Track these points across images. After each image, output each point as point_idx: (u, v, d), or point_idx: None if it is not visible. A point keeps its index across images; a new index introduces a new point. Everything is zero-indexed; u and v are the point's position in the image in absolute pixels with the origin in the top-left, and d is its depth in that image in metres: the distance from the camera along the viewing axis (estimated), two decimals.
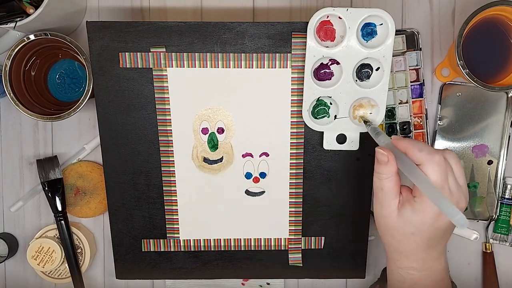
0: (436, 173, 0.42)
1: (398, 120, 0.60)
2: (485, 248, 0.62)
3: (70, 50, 0.57)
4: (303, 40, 0.52)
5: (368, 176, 0.56)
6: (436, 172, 0.42)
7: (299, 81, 0.53)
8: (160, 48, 0.52)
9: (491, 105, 0.59)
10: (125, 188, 0.57)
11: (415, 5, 0.60)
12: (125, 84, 0.53)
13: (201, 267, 0.60)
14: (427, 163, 0.42)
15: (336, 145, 0.54)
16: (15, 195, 0.63)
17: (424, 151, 0.43)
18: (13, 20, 0.50)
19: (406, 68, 0.59)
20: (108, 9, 0.60)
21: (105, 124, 0.55)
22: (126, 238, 0.58)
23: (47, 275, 0.62)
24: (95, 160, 0.62)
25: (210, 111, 0.55)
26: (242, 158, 0.56)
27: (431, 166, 0.42)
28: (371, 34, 0.50)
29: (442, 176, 0.42)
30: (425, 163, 0.43)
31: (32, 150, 0.62)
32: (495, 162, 0.60)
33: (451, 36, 0.60)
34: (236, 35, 0.52)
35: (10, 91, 0.55)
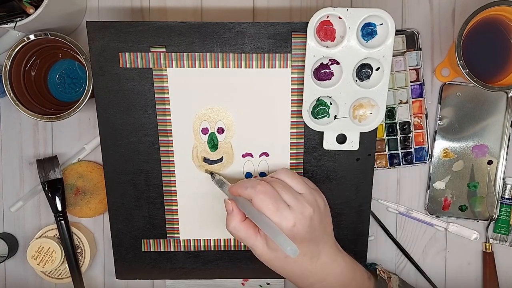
0: (264, 201, 0.45)
1: (398, 120, 0.60)
2: (485, 248, 0.62)
3: (70, 50, 0.57)
4: (303, 40, 0.52)
5: (368, 176, 0.56)
6: (264, 201, 0.45)
7: (299, 81, 0.53)
8: (160, 48, 0.52)
9: (491, 105, 0.59)
10: (125, 188, 0.57)
11: (415, 5, 0.60)
12: (125, 84, 0.54)
13: (201, 267, 0.60)
14: (254, 196, 0.45)
15: (336, 145, 0.54)
16: (15, 195, 0.63)
17: (248, 187, 0.46)
18: (13, 20, 0.50)
19: (406, 68, 0.59)
20: (108, 9, 0.60)
21: (105, 124, 0.55)
22: (126, 238, 0.58)
23: (47, 275, 0.62)
24: (95, 160, 0.62)
25: (210, 111, 0.55)
26: (242, 158, 0.56)
27: (258, 198, 0.45)
28: (371, 34, 0.50)
29: (272, 201, 0.45)
30: (253, 197, 0.46)
31: (32, 150, 0.62)
32: (495, 162, 0.60)
33: (451, 36, 0.60)
34: (236, 35, 0.52)
35: (10, 91, 0.55)
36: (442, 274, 0.63)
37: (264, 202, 0.45)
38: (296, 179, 0.49)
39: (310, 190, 0.49)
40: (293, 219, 0.45)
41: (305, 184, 0.49)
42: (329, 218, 0.51)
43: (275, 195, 0.46)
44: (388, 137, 0.61)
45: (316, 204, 0.48)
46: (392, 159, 0.61)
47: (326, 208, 0.51)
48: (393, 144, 0.61)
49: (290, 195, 0.47)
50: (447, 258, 0.63)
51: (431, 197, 0.61)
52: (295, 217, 0.45)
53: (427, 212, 0.62)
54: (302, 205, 0.46)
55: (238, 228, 0.47)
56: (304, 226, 0.46)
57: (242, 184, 0.47)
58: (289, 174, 0.49)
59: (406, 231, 0.63)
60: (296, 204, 0.46)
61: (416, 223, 0.62)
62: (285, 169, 0.50)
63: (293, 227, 0.45)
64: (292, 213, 0.45)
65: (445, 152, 0.61)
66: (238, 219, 0.47)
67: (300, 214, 0.46)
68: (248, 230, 0.47)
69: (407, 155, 0.61)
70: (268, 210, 0.45)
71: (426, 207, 0.62)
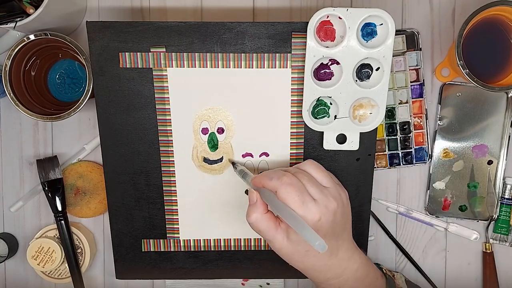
0: (290, 194, 0.44)
1: (398, 120, 0.60)
2: (485, 248, 0.62)
3: (70, 50, 0.57)
4: (303, 40, 0.52)
5: (368, 176, 0.56)
6: (289, 193, 0.44)
7: (299, 81, 0.53)
8: (160, 48, 0.52)
9: (491, 105, 0.59)
10: (125, 188, 0.57)
11: (415, 5, 0.60)
12: (125, 84, 0.54)
13: (201, 267, 0.60)
14: (279, 188, 0.44)
15: (336, 145, 0.54)
16: (15, 195, 0.63)
17: (274, 178, 0.45)
18: (13, 20, 0.50)
19: (406, 68, 0.59)
20: (108, 9, 0.60)
21: (105, 124, 0.55)
22: (126, 238, 0.58)
23: (47, 275, 0.62)
24: (95, 160, 0.62)
25: (210, 111, 0.55)
26: (242, 158, 0.56)
27: (283, 190, 0.44)
28: (371, 34, 0.50)
29: (298, 193, 0.44)
30: (278, 188, 0.45)
31: (32, 150, 0.62)
32: (495, 162, 0.60)
33: (451, 36, 0.60)
34: (236, 35, 0.52)
35: (10, 91, 0.55)
36: (442, 274, 0.63)
37: (289, 195, 0.44)
38: (322, 172, 0.48)
39: (335, 184, 0.48)
40: (318, 213, 0.44)
41: (331, 178, 0.49)
42: (349, 214, 0.50)
43: (301, 187, 0.45)
44: (388, 137, 0.61)
45: (340, 199, 0.48)
46: (392, 159, 0.61)
47: (348, 203, 0.50)
48: (393, 144, 0.61)
49: (316, 188, 0.46)
50: (447, 258, 0.63)
51: (431, 197, 0.61)
52: (320, 210, 0.45)
53: (427, 212, 0.62)
54: (327, 199, 0.46)
55: (260, 219, 0.46)
56: (328, 220, 0.45)
57: (267, 174, 0.46)
58: (315, 167, 0.48)
59: (406, 231, 0.63)
60: (322, 197, 0.45)
61: (416, 223, 0.62)
62: (311, 161, 0.49)
63: (318, 221, 0.44)
64: (318, 207, 0.45)
65: (445, 152, 0.61)
66: (261, 210, 0.46)
67: (325, 208, 0.45)
68: (269, 222, 0.46)
69: (407, 155, 0.61)
70: (293, 202, 0.44)
71: (426, 207, 0.62)
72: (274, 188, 0.45)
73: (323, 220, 0.45)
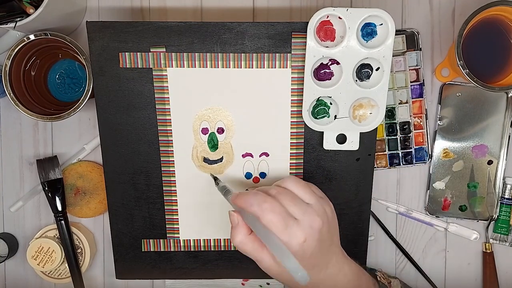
0: (272, 221, 0.43)
1: (398, 120, 0.60)
2: (485, 248, 0.62)
3: (70, 50, 0.57)
4: (303, 40, 0.52)
5: (368, 176, 0.56)
6: (272, 221, 0.43)
7: (299, 81, 0.53)
8: (160, 48, 0.52)
9: (491, 105, 0.59)
10: (125, 188, 0.57)
11: (415, 5, 0.60)
12: (125, 84, 0.54)
13: (201, 267, 0.60)
14: (261, 215, 0.43)
15: (336, 145, 0.54)
16: (15, 195, 0.63)
17: (254, 204, 0.44)
18: (13, 20, 0.50)
19: (406, 68, 0.59)
20: (108, 9, 0.60)
21: (105, 124, 0.55)
22: (126, 238, 0.58)
23: (47, 275, 0.62)
24: (95, 160, 0.62)
25: (210, 111, 0.55)
26: (242, 158, 0.56)
27: (265, 217, 0.43)
28: (371, 34, 0.50)
29: (279, 218, 0.43)
30: (259, 215, 0.43)
31: (32, 150, 0.62)
32: (495, 162, 0.60)
33: (451, 36, 0.60)
34: (236, 35, 0.52)
35: (10, 91, 0.55)
36: (442, 274, 0.63)
37: (272, 222, 0.43)
38: (304, 189, 0.47)
39: (318, 199, 0.47)
40: (303, 235, 0.43)
41: (313, 193, 0.47)
42: (336, 226, 0.49)
43: (282, 212, 0.43)
44: (388, 137, 0.61)
45: (325, 214, 0.46)
46: (392, 159, 0.61)
47: (334, 216, 0.48)
48: (393, 144, 0.61)
49: (298, 208, 0.45)
50: (447, 258, 0.63)
51: (431, 197, 0.61)
52: (305, 232, 0.43)
53: (427, 212, 0.62)
54: (311, 217, 0.44)
55: (245, 242, 0.45)
56: (314, 239, 0.44)
57: (247, 200, 0.45)
58: (296, 183, 0.47)
59: (406, 231, 0.63)
60: (305, 217, 0.44)
61: (416, 223, 0.62)
62: (292, 178, 0.48)
63: (304, 243, 0.43)
64: (301, 228, 0.43)
65: (445, 152, 0.61)
66: (245, 232, 0.45)
67: (309, 228, 0.44)
68: (254, 244, 0.45)
69: (407, 155, 0.61)
70: (276, 228, 0.43)
71: (426, 207, 0.62)
72: (255, 215, 0.44)
73: (309, 240, 0.44)
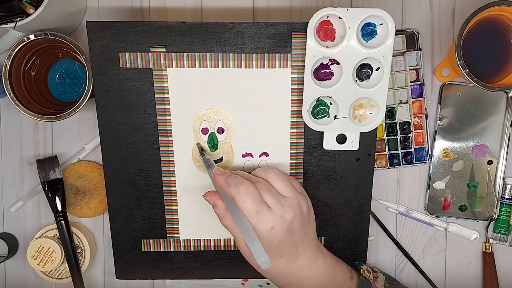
0: (245, 203, 0.45)
1: (398, 120, 0.60)
2: (485, 248, 0.62)
3: (70, 50, 0.57)
4: (303, 40, 0.52)
5: (368, 176, 0.56)
6: (244, 202, 0.45)
7: (299, 81, 0.53)
8: (160, 48, 0.52)
9: (491, 105, 0.59)
10: (125, 188, 0.57)
11: (415, 5, 0.60)
12: (125, 84, 0.54)
13: (201, 267, 0.60)
14: (236, 196, 0.46)
15: (336, 145, 0.54)
16: (15, 195, 0.63)
17: (232, 185, 0.46)
18: (13, 20, 0.50)
19: (406, 68, 0.59)
20: (108, 9, 0.60)
21: (105, 124, 0.55)
22: (126, 238, 0.58)
23: (47, 275, 0.62)
24: (95, 160, 0.62)
25: (210, 111, 0.55)
26: (242, 158, 0.56)
27: (239, 198, 0.45)
28: (371, 34, 0.50)
29: (253, 202, 0.45)
30: (235, 196, 0.46)
31: (32, 150, 0.62)
32: (495, 162, 0.60)
33: (451, 36, 0.60)
34: (236, 35, 0.52)
35: (10, 91, 0.55)
36: (442, 274, 0.63)
37: (244, 204, 0.45)
38: (283, 182, 0.49)
39: (296, 193, 0.49)
40: (272, 222, 0.45)
41: (292, 187, 0.49)
42: (312, 222, 0.51)
43: (257, 197, 0.46)
44: (388, 137, 0.61)
45: (299, 208, 0.48)
46: (392, 159, 0.61)
47: (310, 212, 0.50)
48: (393, 144, 0.61)
49: (273, 197, 0.47)
50: (447, 258, 0.63)
51: (431, 197, 0.61)
52: (274, 219, 0.46)
53: (427, 212, 0.62)
54: (284, 208, 0.47)
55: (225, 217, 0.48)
56: (282, 229, 0.46)
57: (226, 180, 0.47)
58: (277, 176, 0.49)
59: (406, 231, 0.63)
60: (278, 207, 0.46)
61: (416, 223, 0.62)
62: (275, 170, 0.50)
63: (271, 230, 0.45)
64: (272, 216, 0.46)
65: (445, 152, 0.61)
66: (224, 209, 0.48)
67: (280, 217, 0.46)
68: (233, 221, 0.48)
69: (407, 155, 0.61)
70: (248, 211, 0.45)
71: (426, 207, 0.62)
72: (231, 195, 0.46)
73: (277, 229, 0.46)
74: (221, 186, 0.48)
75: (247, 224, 0.44)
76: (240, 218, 0.45)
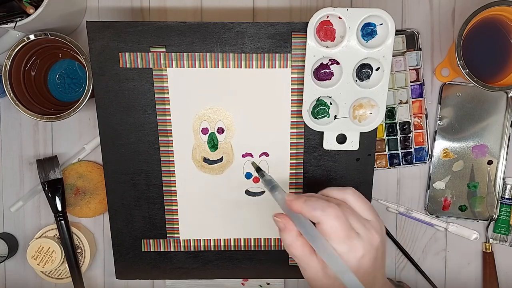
0: (336, 229, 0.40)
1: (398, 120, 0.60)
2: (485, 248, 0.62)
3: (70, 50, 0.57)
4: (303, 40, 0.52)
5: (368, 176, 0.56)
6: (334, 228, 0.40)
7: (299, 81, 0.53)
8: (160, 48, 0.52)
9: (491, 105, 0.59)
10: (125, 188, 0.57)
11: (415, 5, 0.60)
12: (125, 84, 0.54)
13: (201, 267, 0.60)
14: (324, 221, 0.41)
15: (336, 145, 0.54)
16: (15, 195, 0.63)
17: (318, 209, 0.41)
18: (13, 20, 0.50)
19: (406, 68, 0.59)
20: (108, 9, 0.60)
21: (105, 124, 0.55)
22: (126, 238, 0.58)
23: (47, 275, 0.62)
24: (95, 160, 0.62)
25: (210, 111, 0.55)
26: (242, 158, 0.56)
27: (329, 223, 0.40)
28: (371, 34, 0.50)
29: (343, 227, 0.41)
30: (322, 221, 0.41)
31: (32, 150, 0.62)
32: (495, 162, 0.60)
33: (451, 36, 0.60)
34: (236, 35, 0.52)
35: (10, 91, 0.55)
36: (442, 274, 0.63)
37: (335, 229, 0.40)
38: (365, 204, 0.44)
39: (377, 216, 0.45)
40: (362, 249, 0.41)
41: (373, 209, 0.45)
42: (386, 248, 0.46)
43: (346, 221, 0.41)
44: (388, 137, 0.61)
45: (382, 233, 0.44)
46: (392, 159, 0.61)
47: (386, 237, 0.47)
48: (393, 144, 0.61)
49: (359, 222, 0.42)
50: (447, 258, 0.63)
51: (431, 197, 0.61)
52: (364, 247, 0.41)
53: (427, 212, 0.62)
54: (371, 233, 0.42)
55: (295, 245, 0.42)
56: (371, 257, 0.42)
57: (308, 203, 0.42)
58: (357, 197, 0.44)
59: (406, 231, 0.63)
60: (365, 232, 0.42)
61: (416, 223, 0.62)
62: (352, 190, 0.45)
63: (361, 258, 0.41)
64: (362, 243, 0.41)
65: (445, 152, 0.61)
66: (294, 235, 0.43)
67: (369, 244, 0.42)
68: (304, 248, 0.42)
69: (407, 155, 0.61)
70: (337, 237, 0.40)
71: (426, 207, 0.62)
72: (316, 219, 0.41)
73: (367, 257, 0.41)
74: (301, 211, 0.42)
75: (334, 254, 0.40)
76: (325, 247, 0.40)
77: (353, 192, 0.45)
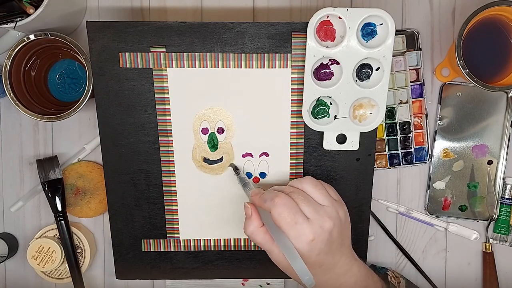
0: (282, 215, 0.44)
1: (398, 120, 0.60)
2: (485, 248, 0.62)
3: (70, 50, 0.57)
4: (303, 40, 0.52)
5: (368, 176, 0.56)
6: (281, 215, 0.44)
7: (299, 81, 0.53)
8: (160, 48, 0.52)
9: (491, 105, 0.59)
10: (125, 188, 0.57)
11: (415, 5, 0.60)
12: (125, 84, 0.54)
13: (201, 267, 0.60)
14: (272, 210, 0.44)
15: (336, 145, 0.54)
16: (15, 195, 0.63)
17: (267, 199, 0.45)
18: (13, 20, 0.50)
19: (406, 68, 0.59)
20: (108, 9, 0.60)
21: (105, 124, 0.55)
22: (126, 238, 0.58)
23: (47, 275, 0.62)
24: (95, 160, 0.62)
25: (210, 111, 0.55)
26: (242, 158, 0.56)
27: (275, 211, 0.44)
28: (371, 34, 0.50)
29: (290, 213, 0.44)
30: (271, 209, 0.45)
31: (32, 150, 0.62)
32: (495, 162, 0.60)
33: (451, 36, 0.60)
34: (236, 35, 0.52)
35: (10, 91, 0.55)
36: (442, 274, 0.63)
37: (281, 216, 0.44)
38: (319, 190, 0.48)
39: (332, 201, 0.47)
40: (312, 233, 0.44)
41: (328, 195, 0.48)
42: (348, 230, 0.50)
43: (293, 207, 0.44)
44: (388, 137, 0.61)
45: (338, 217, 0.47)
46: (392, 159, 0.61)
47: (346, 220, 0.49)
48: (393, 144, 0.61)
49: (311, 207, 0.45)
50: (447, 258, 0.63)
51: (431, 197, 0.61)
52: (314, 231, 0.44)
53: (427, 212, 0.62)
54: (322, 218, 0.45)
55: (256, 233, 0.47)
56: (323, 240, 0.45)
57: (261, 196, 0.46)
58: (313, 184, 0.48)
59: (406, 231, 0.63)
60: (317, 217, 0.45)
61: (416, 223, 0.62)
62: (310, 178, 0.48)
63: (312, 241, 0.44)
64: (311, 227, 0.44)
65: (445, 152, 0.61)
66: (256, 224, 0.47)
67: (319, 228, 0.44)
68: (265, 235, 0.47)
69: (407, 155, 0.61)
70: (285, 223, 0.44)
71: (426, 207, 0.62)
72: (268, 209, 0.45)
73: (318, 240, 0.44)
74: (258, 204, 0.47)
75: (287, 241, 0.43)
76: (279, 235, 0.43)
77: (310, 180, 0.48)
